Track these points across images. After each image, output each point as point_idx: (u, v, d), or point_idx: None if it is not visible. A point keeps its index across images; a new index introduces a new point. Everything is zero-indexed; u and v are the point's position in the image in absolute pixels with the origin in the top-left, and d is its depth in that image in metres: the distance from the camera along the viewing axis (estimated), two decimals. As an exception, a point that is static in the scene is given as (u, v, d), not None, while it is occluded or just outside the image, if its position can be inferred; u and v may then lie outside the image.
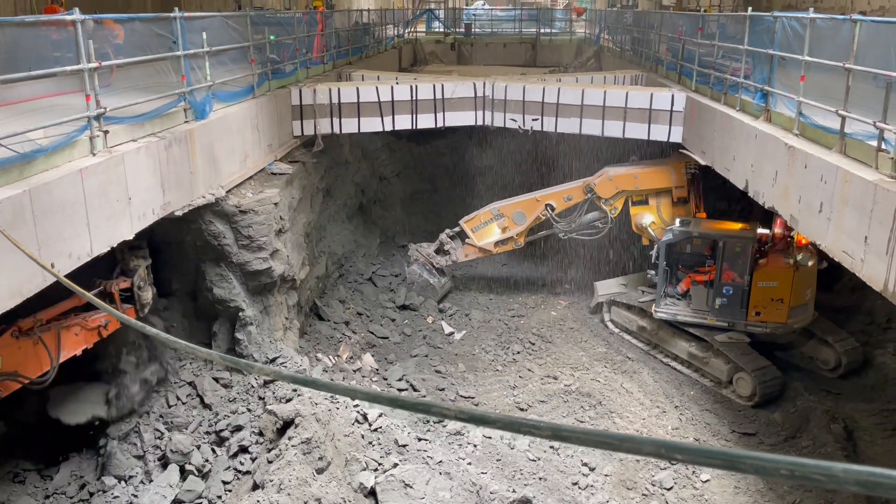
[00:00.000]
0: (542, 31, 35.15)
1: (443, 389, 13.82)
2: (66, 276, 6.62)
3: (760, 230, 13.86)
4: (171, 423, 10.78)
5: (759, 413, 13.12)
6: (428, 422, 12.09)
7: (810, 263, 13.59)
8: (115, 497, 9.83)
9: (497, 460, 11.19)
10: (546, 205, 16.73)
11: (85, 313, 8.67)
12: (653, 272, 15.13)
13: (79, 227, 7.30)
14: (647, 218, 16.14)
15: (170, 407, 11.05)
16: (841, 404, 12.88)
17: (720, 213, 16.81)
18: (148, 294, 9.64)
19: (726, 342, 13.88)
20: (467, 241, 17.37)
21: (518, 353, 15.28)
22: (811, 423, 12.13)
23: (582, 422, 12.97)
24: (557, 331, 16.26)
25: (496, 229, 17.22)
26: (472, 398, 13.64)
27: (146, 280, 9.61)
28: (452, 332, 16.21)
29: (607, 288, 16.89)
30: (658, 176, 16.19)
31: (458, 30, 36.42)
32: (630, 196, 16.32)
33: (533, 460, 11.40)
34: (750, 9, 12.23)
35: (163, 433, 10.58)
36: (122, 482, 10.07)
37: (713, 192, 17.51)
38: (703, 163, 13.55)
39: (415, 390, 13.62)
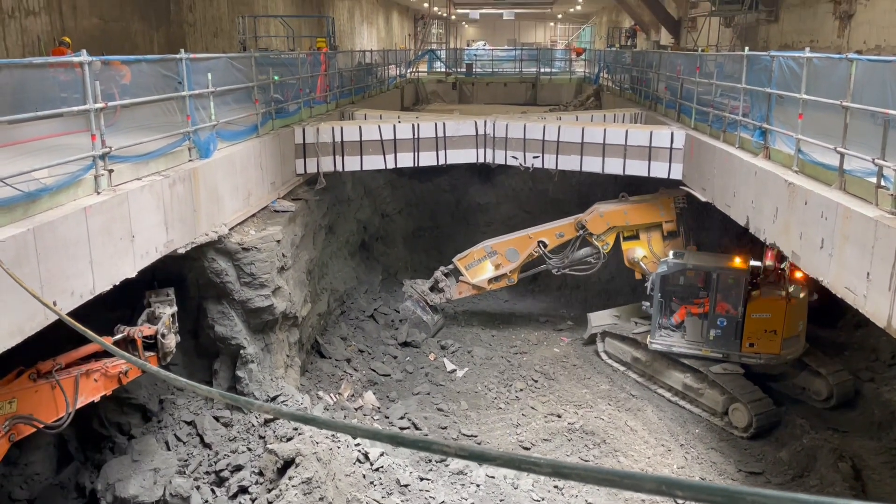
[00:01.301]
0: (542, 70, 35.63)
1: (445, 428, 13.68)
2: (73, 314, 6.61)
3: (753, 262, 14.00)
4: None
5: (766, 451, 12.97)
6: (430, 461, 11.95)
7: (802, 295, 13.76)
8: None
9: (500, 500, 11.03)
10: (538, 241, 16.94)
11: (106, 359, 8.54)
12: (647, 304, 15.22)
13: (82, 265, 7.32)
14: (638, 252, 16.46)
15: (169, 449, 10.94)
16: (848, 442, 12.73)
17: (723, 249, 16.88)
18: (172, 342, 9.55)
19: (721, 373, 13.90)
20: (461, 278, 17.49)
21: (521, 390, 15.16)
22: (818, 461, 11.97)
23: (586, 461, 12.81)
24: (560, 368, 16.16)
25: (489, 266, 17.37)
26: (475, 437, 13.50)
27: (170, 328, 9.56)
28: (454, 370, 16.12)
29: (600, 319, 17.00)
30: (647, 211, 16.57)
31: (459, 70, 36.93)
32: (621, 231, 16.65)
33: (537, 501, 11.23)
34: (747, 48, 12.41)
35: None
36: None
37: (715, 228, 17.61)
38: (703, 199, 13.63)
39: (417, 429, 13.49)
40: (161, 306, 9.46)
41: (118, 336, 8.90)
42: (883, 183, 7.54)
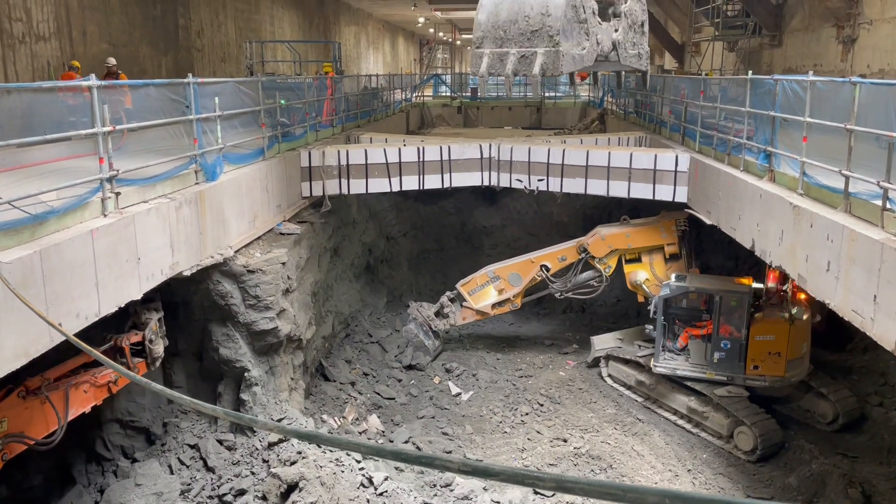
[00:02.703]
0: (546, 94, 35.84)
1: (450, 452, 13.57)
2: (75, 335, 6.62)
3: (755, 284, 13.95)
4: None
5: (774, 476, 12.82)
6: (435, 486, 11.84)
7: (805, 317, 13.69)
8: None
9: (506, 526, 10.90)
10: (541, 266, 16.95)
11: (94, 369, 8.60)
12: (651, 327, 15.15)
13: (87, 287, 7.34)
14: (640, 275, 16.45)
15: (172, 472, 10.87)
16: (858, 467, 12.58)
17: (728, 271, 16.85)
18: (159, 347, 9.58)
19: (726, 396, 13.80)
20: (464, 304, 17.48)
21: (526, 414, 15.05)
22: (828, 487, 11.82)
23: (592, 486, 12.66)
24: (566, 391, 16.05)
25: (493, 291, 17.37)
26: (480, 461, 13.37)
27: (157, 333, 9.57)
28: (460, 393, 16.03)
29: (604, 342, 16.95)
30: (649, 234, 16.60)
31: (464, 94, 37.19)
32: (623, 254, 16.65)
33: (542, 526, 11.09)
34: (750, 72, 12.48)
35: None
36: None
37: (717, 250, 17.59)
38: (708, 222, 13.62)
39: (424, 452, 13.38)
40: (147, 312, 9.40)
41: (106, 346, 8.89)
42: (889, 206, 7.53)
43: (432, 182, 16.72)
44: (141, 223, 8.47)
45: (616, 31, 8.64)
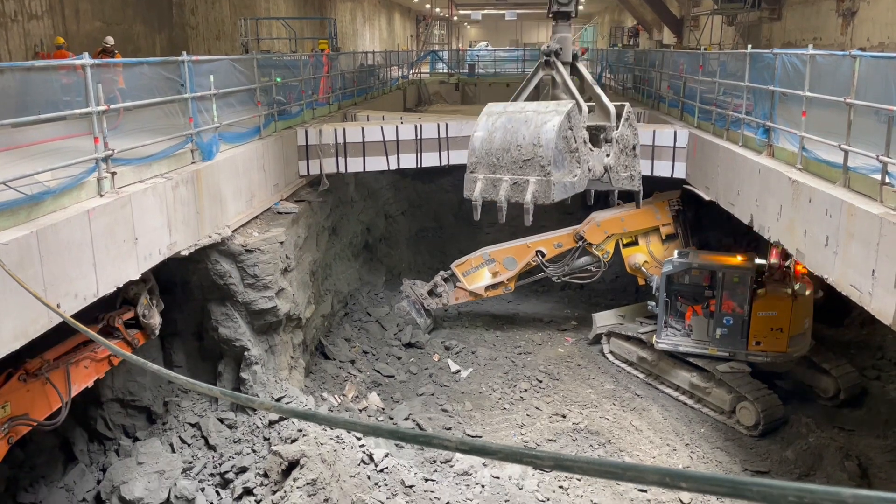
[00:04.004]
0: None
1: (450, 428, 13.66)
2: (72, 316, 6.62)
3: (758, 260, 13.97)
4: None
5: (772, 450, 12.92)
6: (435, 462, 11.94)
7: (807, 293, 13.73)
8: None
9: (505, 501, 11.00)
10: (536, 251, 16.98)
11: (93, 344, 8.60)
12: (653, 304, 15.19)
13: (85, 268, 7.33)
14: (639, 258, 16.53)
15: (174, 451, 10.94)
16: (854, 441, 12.68)
17: (726, 248, 16.85)
18: (155, 318, 9.56)
19: (728, 372, 13.86)
20: (458, 284, 17.55)
21: (525, 390, 15.14)
22: (825, 460, 11.93)
23: (591, 461, 12.77)
24: (565, 368, 16.13)
25: (487, 274, 17.42)
26: (480, 437, 13.47)
27: (150, 306, 9.54)
28: (459, 370, 16.10)
29: (605, 319, 17.01)
30: (644, 216, 16.64)
31: (461, 71, 36.93)
32: (620, 238, 16.67)
33: (542, 501, 11.21)
34: (750, 46, 12.38)
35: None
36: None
37: (715, 227, 17.59)
38: (707, 198, 13.59)
39: (421, 429, 13.48)
40: (135, 287, 9.31)
41: (99, 325, 8.88)
42: (888, 180, 7.51)
43: (430, 160, 16.64)
44: (138, 203, 8.44)
45: (608, 156, 8.84)
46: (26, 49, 15.14)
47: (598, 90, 9.02)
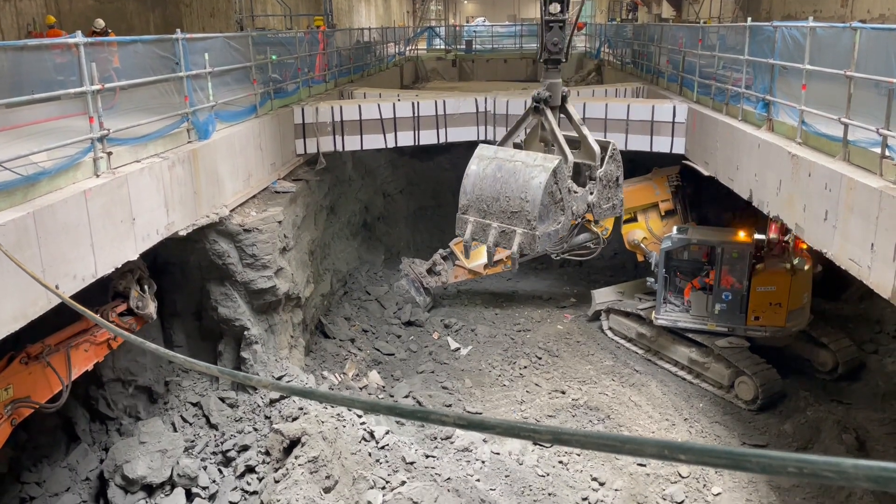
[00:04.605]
0: (542, 46, 35.25)
1: (450, 405, 13.74)
2: (72, 299, 6.61)
3: (757, 235, 13.97)
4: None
5: (770, 424, 13.01)
6: (435, 438, 12.02)
7: (806, 267, 13.74)
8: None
9: (506, 476, 11.10)
10: None
11: (93, 328, 8.63)
12: (652, 280, 15.20)
13: (83, 249, 7.31)
14: (638, 234, 16.49)
15: (175, 430, 11.01)
16: (852, 414, 12.76)
17: (725, 223, 16.84)
18: (149, 308, 9.54)
19: (727, 347, 13.92)
20: (457, 262, 17.49)
21: (525, 367, 15.20)
22: (822, 433, 12.01)
23: (590, 436, 12.86)
24: (564, 344, 16.19)
25: (486, 252, 17.30)
26: (480, 414, 13.55)
27: (141, 296, 9.52)
28: (458, 348, 16.15)
29: (604, 296, 17.02)
30: (643, 192, 16.57)
31: (459, 47, 36.63)
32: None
33: (542, 476, 11.30)
34: (749, 19, 12.26)
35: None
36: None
37: (714, 203, 17.55)
38: (706, 173, 13.54)
39: (421, 406, 13.56)
40: (123, 280, 9.25)
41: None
42: (888, 153, 7.47)
43: (428, 137, 16.56)
44: (134, 183, 8.40)
45: (591, 193, 9.26)
46: (18, 28, 14.99)
47: (585, 130, 9.45)
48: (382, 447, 10.70)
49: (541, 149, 9.40)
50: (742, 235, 14.05)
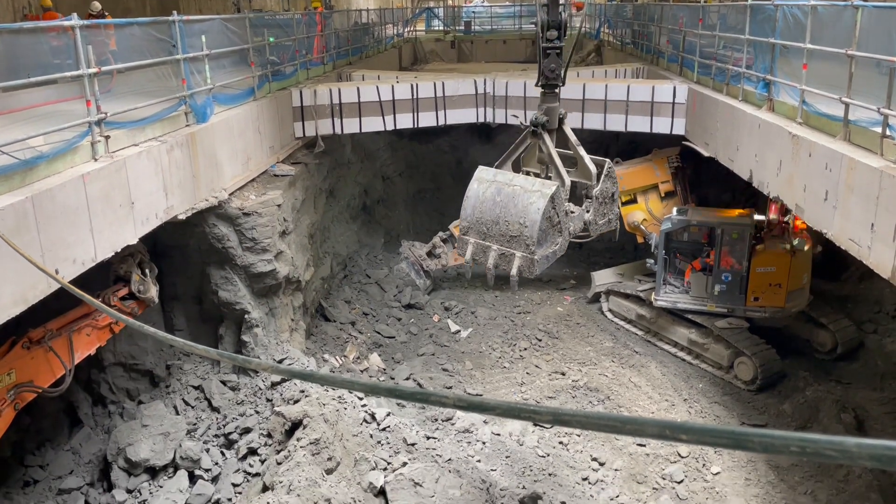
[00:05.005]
0: (542, 27, 34.98)
1: (450, 387, 13.79)
2: (71, 283, 6.61)
3: (757, 216, 13.96)
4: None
5: (769, 404, 13.07)
6: (436, 420, 12.08)
7: (806, 248, 13.75)
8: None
9: (506, 457, 11.16)
10: None
11: (95, 312, 8.63)
12: (652, 261, 15.21)
13: (82, 233, 7.30)
14: (637, 216, 16.45)
15: (178, 413, 11.05)
16: (851, 393, 12.82)
17: (725, 204, 16.82)
18: (150, 292, 9.55)
19: (726, 328, 13.96)
20: (457, 245, 17.42)
21: (525, 349, 15.24)
22: (821, 413, 12.07)
23: (591, 417, 12.92)
24: (564, 326, 16.22)
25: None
26: (480, 395, 13.61)
27: (142, 280, 9.51)
28: (459, 330, 16.19)
29: (604, 278, 17.04)
30: (643, 174, 16.52)
31: (457, 28, 36.35)
32: (618, 197, 16.55)
33: (542, 456, 11.37)
34: (750, -2, 12.15)
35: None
36: (131, 494, 10.08)
37: (714, 184, 17.52)
38: (706, 154, 13.50)
39: (421, 388, 13.61)
40: (124, 265, 9.26)
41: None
42: (888, 132, 7.44)
43: (427, 120, 16.48)
44: (133, 167, 8.37)
45: (588, 211, 9.50)
46: (14, 12, 14.87)
47: (582, 151, 9.68)
48: (384, 429, 10.75)
49: (538, 168, 9.66)
50: (742, 216, 14.04)
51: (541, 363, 14.66)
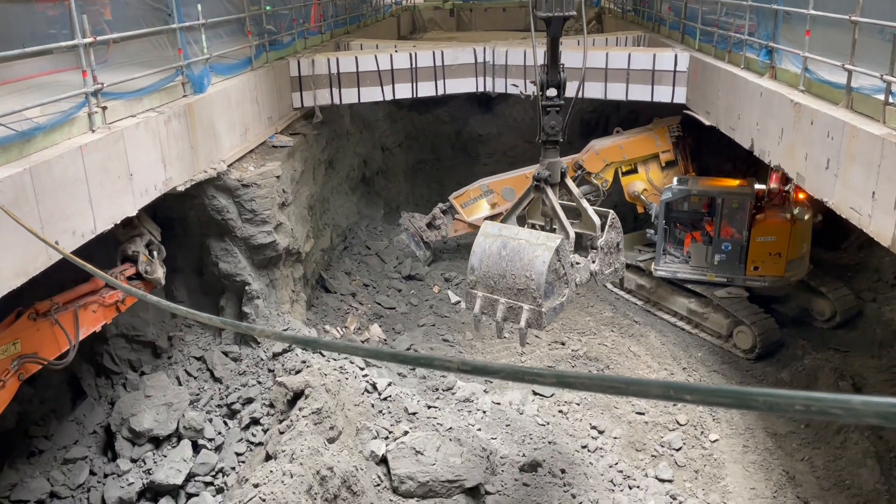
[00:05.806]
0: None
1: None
2: (74, 252, 6.61)
3: (757, 186, 13.93)
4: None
5: (767, 372, 13.17)
6: (437, 389, 12.16)
7: (806, 217, 13.73)
8: (130, 483, 9.89)
9: (506, 426, 11.26)
10: None
11: (103, 289, 8.64)
12: (652, 231, 15.21)
13: (81, 205, 7.28)
14: (638, 186, 16.43)
15: (180, 384, 11.13)
16: (849, 361, 12.91)
17: (726, 174, 16.76)
18: (157, 273, 9.56)
19: (725, 297, 14.01)
20: (457, 216, 17.45)
21: (525, 319, 15.28)
22: (819, 381, 12.16)
23: (590, 386, 13.03)
24: (564, 296, 16.24)
25: (486, 205, 17.29)
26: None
27: (150, 261, 9.52)
28: (459, 301, 16.23)
29: None
30: (643, 143, 16.45)
31: (456, -5, 35.83)
32: (619, 167, 16.50)
33: (542, 425, 11.47)
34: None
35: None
36: (135, 463, 10.18)
37: (715, 153, 17.44)
38: (707, 123, 13.42)
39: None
40: (132, 244, 9.24)
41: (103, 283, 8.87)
42: (891, 100, 7.39)
43: (426, 89, 16.34)
44: (130, 138, 8.32)
45: (593, 262, 9.53)
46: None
47: (585, 204, 9.83)
48: (385, 398, 10.84)
49: (543, 221, 9.77)
50: (742, 185, 14.00)
51: (540, 333, 14.72)
